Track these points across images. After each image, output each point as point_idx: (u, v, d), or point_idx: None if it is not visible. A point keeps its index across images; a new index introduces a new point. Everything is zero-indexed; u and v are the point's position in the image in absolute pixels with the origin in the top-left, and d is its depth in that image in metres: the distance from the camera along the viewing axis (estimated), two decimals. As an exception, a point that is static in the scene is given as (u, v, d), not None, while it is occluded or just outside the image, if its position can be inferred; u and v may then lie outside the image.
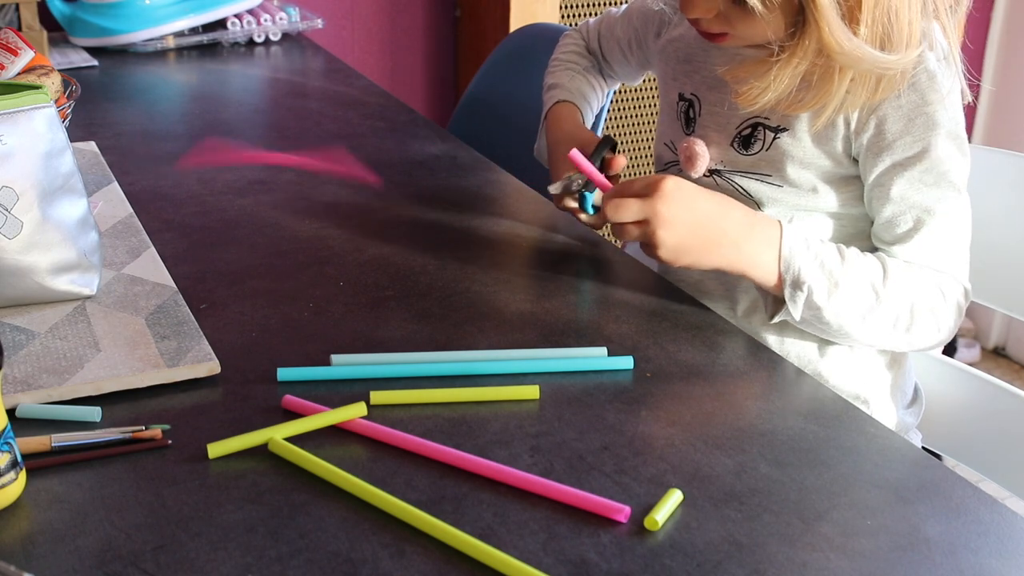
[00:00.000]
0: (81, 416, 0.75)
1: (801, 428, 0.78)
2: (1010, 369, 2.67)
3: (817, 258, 0.91)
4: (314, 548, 0.64)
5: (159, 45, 1.80)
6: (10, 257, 0.85)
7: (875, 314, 0.92)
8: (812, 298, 0.90)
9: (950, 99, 0.92)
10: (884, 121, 0.93)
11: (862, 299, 0.91)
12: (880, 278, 0.92)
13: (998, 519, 0.69)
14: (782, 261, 0.91)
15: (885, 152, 0.93)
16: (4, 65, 1.24)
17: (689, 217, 0.89)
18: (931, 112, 0.91)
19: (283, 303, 0.93)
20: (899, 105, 0.92)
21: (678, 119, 1.07)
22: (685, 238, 0.90)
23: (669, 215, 0.89)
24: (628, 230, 0.91)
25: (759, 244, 0.91)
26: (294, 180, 1.23)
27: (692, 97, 1.05)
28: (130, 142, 1.35)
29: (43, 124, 0.86)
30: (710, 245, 0.91)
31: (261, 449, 0.72)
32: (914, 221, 0.93)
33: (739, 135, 1.00)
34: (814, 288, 0.90)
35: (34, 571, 0.61)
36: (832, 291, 0.90)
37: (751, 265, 0.91)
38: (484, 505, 0.68)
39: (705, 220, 0.90)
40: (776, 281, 0.92)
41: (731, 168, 1.01)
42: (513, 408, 0.79)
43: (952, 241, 0.95)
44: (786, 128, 0.96)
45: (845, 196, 0.98)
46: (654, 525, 0.66)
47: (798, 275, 0.90)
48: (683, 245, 0.90)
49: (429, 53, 2.27)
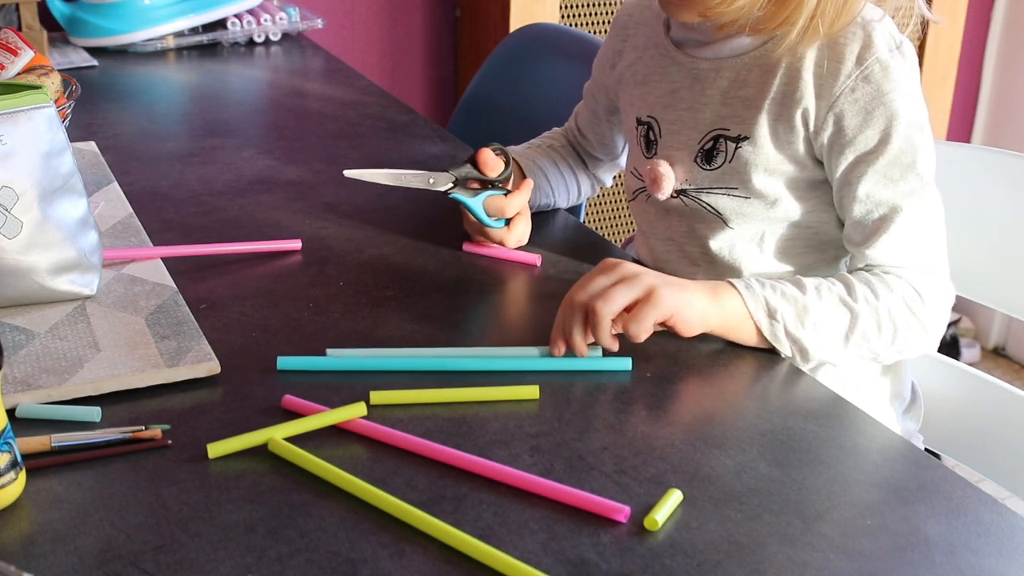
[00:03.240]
0: (81, 416, 0.75)
1: (801, 428, 0.78)
2: (1010, 369, 2.67)
3: (775, 289, 0.88)
4: (314, 548, 0.64)
5: (159, 45, 1.80)
6: (10, 257, 0.85)
7: (855, 330, 0.89)
8: (788, 328, 0.87)
9: (907, 88, 0.91)
10: (842, 116, 0.92)
11: (836, 318, 0.88)
12: (846, 292, 0.89)
13: (998, 519, 0.69)
14: (745, 300, 0.87)
15: (847, 148, 0.92)
16: (4, 65, 1.24)
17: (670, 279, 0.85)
18: (888, 102, 0.90)
19: (283, 303, 0.93)
20: (855, 99, 0.91)
21: (638, 143, 1.05)
22: (663, 277, 0.84)
23: (635, 266, 0.84)
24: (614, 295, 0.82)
25: (718, 290, 0.87)
26: (294, 180, 1.23)
27: (650, 119, 1.03)
28: (130, 142, 1.35)
29: (43, 124, 0.86)
30: (683, 285, 0.85)
31: (261, 449, 0.72)
32: (882, 218, 0.92)
33: (701, 150, 0.98)
34: (786, 317, 0.87)
35: (34, 571, 0.61)
36: (803, 316, 0.87)
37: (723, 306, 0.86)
38: (484, 505, 0.68)
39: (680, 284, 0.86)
40: (751, 324, 0.87)
41: (696, 186, 0.99)
42: (513, 408, 0.79)
43: (924, 235, 0.93)
44: (747, 136, 0.95)
45: (812, 203, 0.97)
46: (654, 525, 0.66)
47: (766, 302, 0.87)
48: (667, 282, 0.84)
49: (429, 53, 2.27)
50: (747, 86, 0.96)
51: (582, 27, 2.16)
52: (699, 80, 0.99)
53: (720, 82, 0.97)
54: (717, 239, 1.00)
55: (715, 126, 0.98)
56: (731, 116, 0.97)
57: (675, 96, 1.01)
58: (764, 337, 0.87)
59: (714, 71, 0.98)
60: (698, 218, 1.00)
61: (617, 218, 2.39)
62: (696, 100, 0.99)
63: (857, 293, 0.89)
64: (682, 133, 1.00)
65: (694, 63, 1.00)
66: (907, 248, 0.93)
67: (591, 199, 2.32)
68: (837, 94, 0.91)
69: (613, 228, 2.38)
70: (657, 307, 0.82)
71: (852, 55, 0.91)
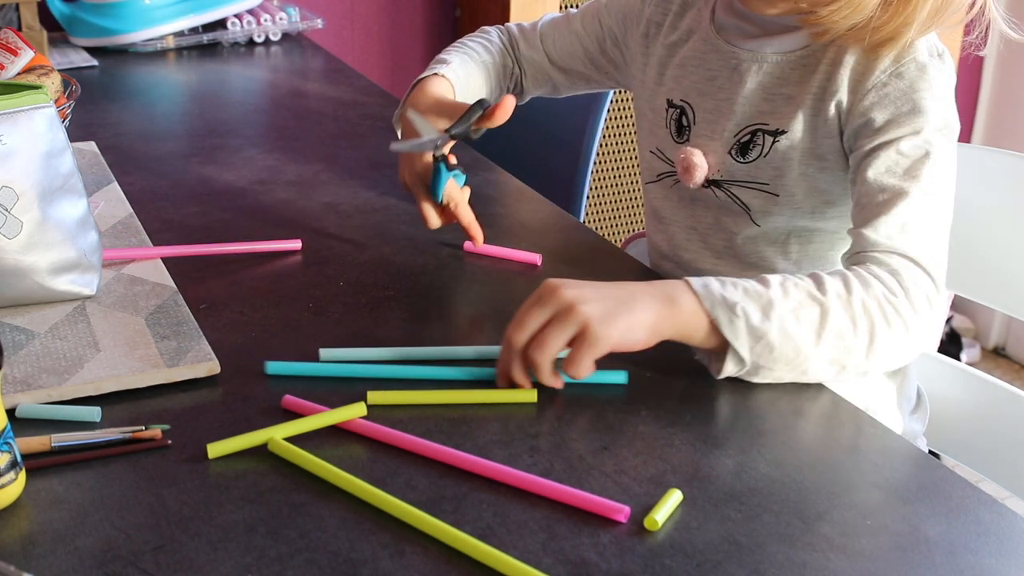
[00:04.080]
0: (81, 416, 0.75)
1: (801, 428, 0.78)
2: (1010, 369, 2.67)
3: (736, 286, 0.80)
4: (314, 548, 0.64)
5: (159, 45, 1.80)
6: (10, 257, 0.85)
7: (827, 326, 0.80)
8: (752, 322, 0.78)
9: (940, 92, 0.91)
10: (871, 108, 0.92)
11: (805, 313, 0.80)
12: (814, 287, 0.81)
13: (998, 519, 0.69)
14: (701, 298, 0.79)
15: (866, 139, 0.91)
16: (4, 65, 1.24)
17: (592, 290, 0.78)
18: (918, 99, 0.90)
19: (283, 303, 0.93)
20: (886, 92, 0.91)
21: (667, 126, 1.05)
22: (606, 305, 0.77)
23: (575, 294, 0.77)
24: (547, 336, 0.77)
25: (668, 288, 0.80)
26: (294, 180, 1.23)
27: (683, 104, 1.03)
28: (130, 142, 1.35)
29: (43, 124, 0.86)
30: (628, 303, 0.78)
31: (261, 449, 0.72)
32: (885, 201, 0.88)
33: (738, 142, 0.98)
34: (748, 310, 0.78)
35: (34, 571, 0.61)
36: (768, 310, 0.79)
37: (676, 308, 0.79)
38: (484, 505, 0.68)
39: (606, 288, 0.79)
40: (705, 324, 0.79)
41: (728, 178, 0.99)
42: (513, 408, 0.79)
43: (925, 228, 0.88)
44: (784, 130, 0.96)
45: (837, 208, 0.97)
46: (654, 525, 0.66)
47: (724, 298, 0.79)
48: (608, 311, 0.77)
49: (429, 53, 2.27)
50: (789, 84, 0.96)
51: (582, 27, 2.16)
52: (739, 71, 0.99)
53: (761, 76, 0.97)
54: (743, 234, 1.00)
55: (754, 120, 0.97)
56: (770, 112, 0.97)
57: (713, 84, 1.00)
58: (723, 337, 0.79)
59: (756, 64, 0.98)
60: (725, 210, 1.00)
61: (617, 218, 2.39)
62: (735, 91, 0.99)
63: (827, 287, 0.81)
64: (717, 123, 1.00)
65: (736, 53, 0.99)
66: (904, 234, 0.87)
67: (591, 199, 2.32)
68: (869, 87, 0.92)
69: (613, 228, 2.38)
70: (593, 347, 0.76)
71: (891, 54, 0.92)
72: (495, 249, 1.04)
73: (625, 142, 2.35)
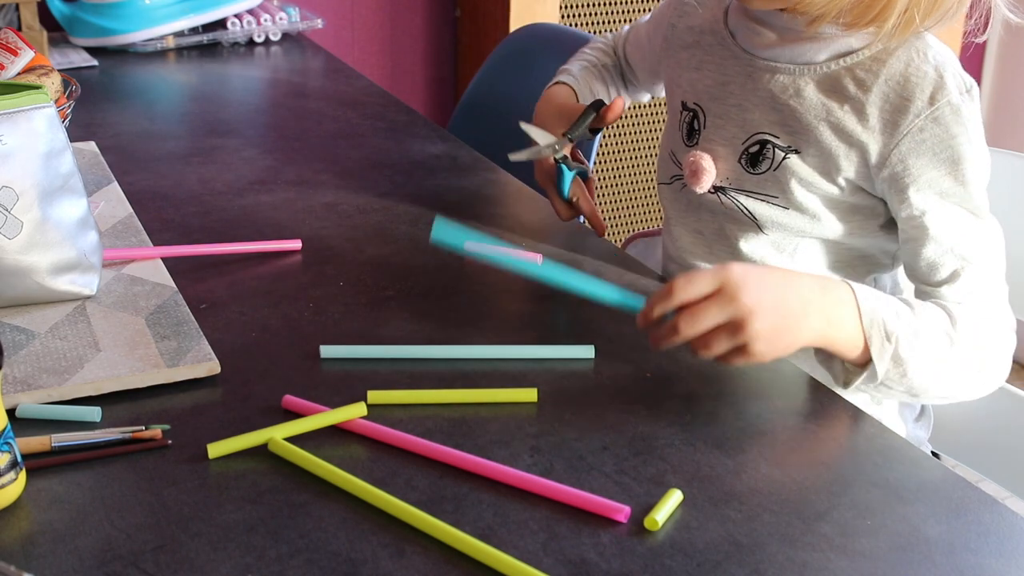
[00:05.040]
0: (81, 416, 0.75)
1: (801, 428, 0.78)
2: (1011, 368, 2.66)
3: (891, 307, 0.84)
4: (314, 548, 0.64)
5: (159, 45, 1.80)
6: (10, 257, 0.85)
7: (951, 361, 0.85)
8: (898, 351, 0.82)
9: (974, 132, 0.90)
10: (908, 155, 0.90)
11: (938, 345, 0.85)
12: (949, 323, 0.86)
13: (998, 519, 0.69)
14: (864, 317, 0.82)
15: (911, 187, 0.90)
16: (4, 65, 1.24)
17: (771, 297, 0.79)
18: (956, 145, 0.89)
19: (283, 303, 0.93)
20: (923, 139, 0.89)
21: (679, 129, 1.04)
22: (776, 321, 0.79)
23: (754, 302, 0.77)
24: (713, 340, 0.78)
25: (837, 305, 0.82)
26: (294, 180, 1.23)
27: (696, 107, 1.02)
28: (130, 142, 1.35)
29: (43, 124, 0.86)
30: (798, 320, 0.81)
31: (261, 449, 0.72)
32: (958, 262, 0.90)
33: (746, 151, 0.97)
34: (900, 338, 0.82)
35: (34, 571, 0.61)
36: (914, 340, 0.83)
37: (838, 328, 0.82)
38: (484, 505, 0.68)
39: (785, 294, 0.80)
40: (858, 340, 0.82)
41: (736, 187, 0.98)
42: (513, 408, 0.79)
43: (994, 273, 0.92)
44: (797, 149, 0.94)
45: (851, 226, 0.96)
46: (654, 525, 0.66)
47: (884, 325, 0.82)
48: (776, 329, 0.79)
49: (429, 53, 2.27)
50: (799, 97, 0.94)
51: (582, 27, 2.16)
52: (752, 78, 0.97)
53: (773, 85, 0.96)
54: (748, 243, 0.99)
55: (762, 129, 0.96)
56: (780, 124, 0.95)
57: (725, 89, 0.99)
58: (867, 355, 0.83)
59: (769, 72, 0.96)
60: (731, 218, 0.99)
61: (617, 218, 2.39)
62: (746, 98, 0.98)
63: (959, 328, 0.86)
64: (727, 128, 0.99)
65: (751, 60, 0.98)
66: (981, 289, 0.91)
67: (591, 199, 2.32)
68: (904, 132, 0.90)
69: (613, 228, 2.38)
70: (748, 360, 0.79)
71: (924, 95, 0.89)
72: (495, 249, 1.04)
73: (625, 142, 2.35)
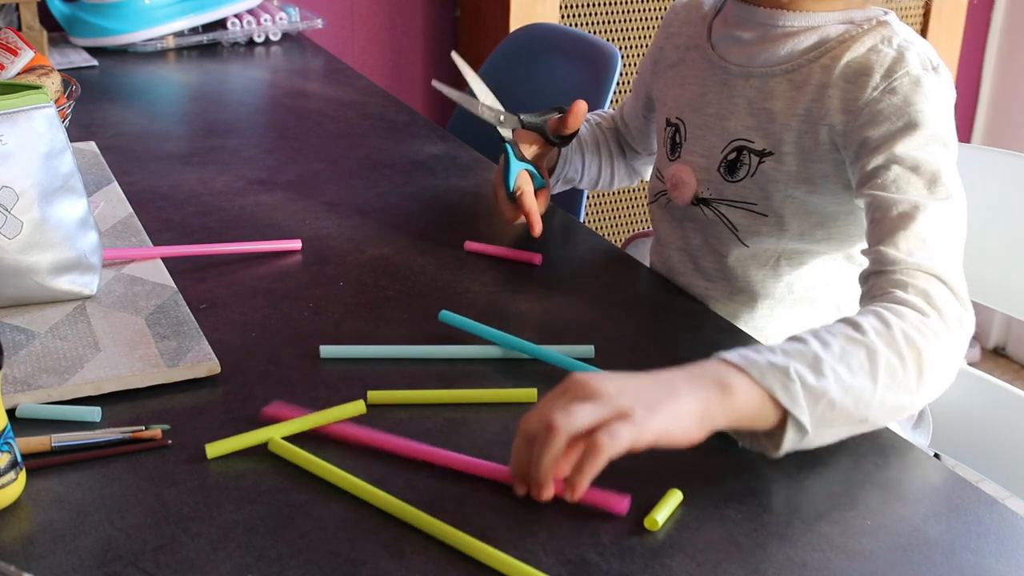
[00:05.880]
0: (81, 416, 0.75)
1: (801, 428, 0.78)
2: (1010, 369, 2.67)
3: (775, 350, 0.73)
4: (314, 548, 0.64)
5: (159, 45, 1.80)
6: (10, 257, 0.85)
7: (879, 366, 0.73)
8: (808, 383, 0.70)
9: (937, 105, 0.88)
10: (866, 127, 0.89)
11: (854, 358, 0.73)
12: (851, 330, 0.75)
13: (998, 519, 0.69)
14: (749, 371, 0.70)
15: (871, 155, 0.88)
16: (4, 65, 1.24)
17: (625, 380, 0.69)
18: (914, 112, 0.87)
19: (283, 303, 0.93)
20: (880, 109, 0.89)
21: (664, 145, 1.05)
22: (642, 392, 0.68)
23: (605, 384, 0.67)
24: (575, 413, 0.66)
25: (716, 376, 0.70)
26: (294, 180, 1.23)
27: (678, 121, 1.03)
28: (130, 142, 1.35)
29: (43, 124, 0.86)
30: (669, 394, 0.68)
31: (261, 449, 0.72)
32: (901, 216, 0.84)
33: (725, 159, 0.98)
34: (800, 372, 0.71)
35: (34, 571, 0.61)
36: (818, 365, 0.71)
37: (727, 394, 0.69)
38: (484, 505, 0.68)
39: (641, 377, 0.70)
40: (760, 396, 0.70)
41: (717, 196, 0.99)
42: (513, 408, 0.78)
43: (945, 241, 0.84)
44: (771, 152, 0.95)
45: (829, 230, 0.96)
46: (654, 525, 0.66)
47: (772, 365, 0.70)
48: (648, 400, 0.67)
49: (429, 53, 2.27)
50: (773, 98, 0.95)
51: (582, 27, 2.16)
52: (728, 86, 0.98)
53: (748, 91, 0.97)
54: (732, 255, 0.99)
55: (738, 135, 0.97)
56: (756, 128, 0.96)
57: (704, 100, 1.00)
58: (780, 408, 0.70)
59: (743, 78, 0.97)
60: (714, 231, 1.00)
61: (617, 218, 2.39)
62: (723, 107, 0.98)
63: (864, 327, 0.75)
64: (706, 139, 0.99)
65: (726, 68, 0.99)
66: (926, 248, 0.83)
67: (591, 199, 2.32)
68: (863, 105, 0.89)
69: (613, 228, 2.38)
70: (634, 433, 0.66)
71: (881, 69, 0.89)
72: (495, 249, 1.04)
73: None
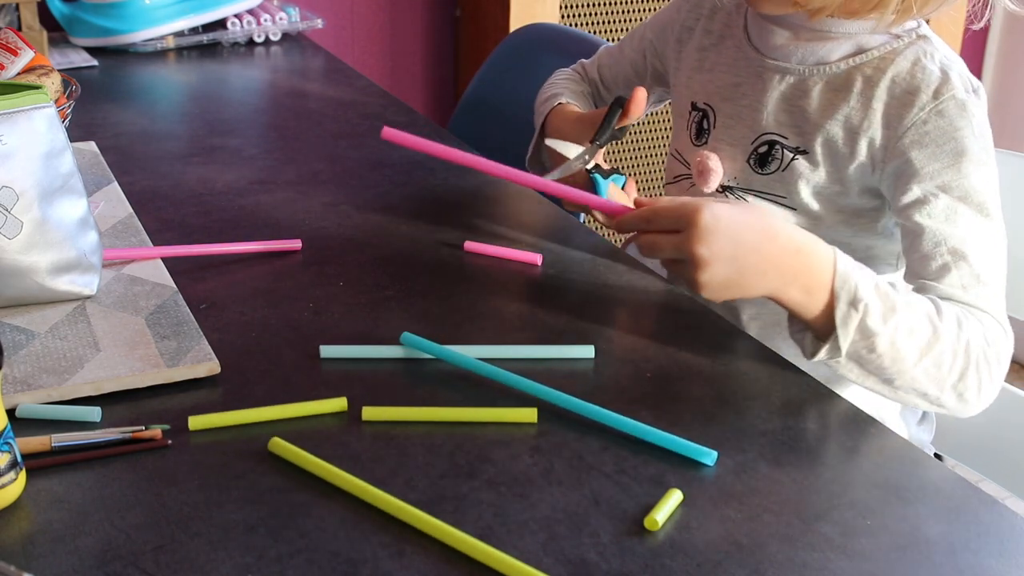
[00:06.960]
0: (81, 416, 0.75)
1: (801, 428, 0.78)
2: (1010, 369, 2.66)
3: (872, 279, 0.81)
4: (314, 548, 0.64)
5: (159, 45, 1.80)
6: (10, 257, 0.85)
7: (932, 352, 0.81)
8: (867, 321, 0.79)
9: (980, 129, 0.90)
10: (911, 148, 0.90)
11: (920, 330, 0.81)
12: (935, 312, 0.82)
13: (998, 519, 0.69)
14: (837, 278, 0.79)
15: (913, 180, 0.90)
16: (4, 65, 1.24)
17: (729, 253, 0.79)
18: (960, 138, 0.89)
19: (283, 303, 0.93)
20: (926, 131, 0.90)
21: (687, 129, 1.05)
22: (728, 275, 0.80)
23: (708, 255, 0.79)
24: (666, 262, 0.86)
25: (807, 267, 0.80)
26: (294, 180, 1.23)
27: (706, 107, 1.03)
28: (130, 142, 1.35)
29: (43, 124, 0.86)
30: (755, 277, 0.80)
31: (261, 449, 0.72)
32: (952, 253, 0.88)
33: (755, 151, 0.98)
34: (871, 308, 0.79)
35: (34, 571, 0.61)
36: (888, 315, 0.79)
37: (801, 289, 0.80)
38: (484, 505, 0.68)
39: (747, 252, 0.80)
40: (823, 305, 0.80)
41: (743, 186, 0.99)
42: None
43: (990, 276, 0.89)
44: (805, 151, 0.95)
45: (855, 228, 0.96)
46: (654, 525, 0.66)
47: (855, 292, 0.79)
48: (726, 282, 0.80)
49: (429, 53, 2.27)
50: (808, 97, 0.95)
51: (582, 27, 2.16)
52: (762, 79, 0.99)
53: (783, 87, 0.97)
54: None
55: (770, 130, 0.97)
56: (789, 125, 0.96)
57: (737, 90, 1.00)
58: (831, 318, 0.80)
59: (779, 74, 0.97)
60: None
61: (617, 218, 2.38)
62: (757, 99, 0.99)
63: (945, 314, 0.83)
64: (736, 128, 1.00)
65: (762, 61, 0.99)
66: (980, 286, 0.88)
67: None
68: (908, 125, 0.90)
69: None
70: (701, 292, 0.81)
71: (929, 90, 0.90)
72: (495, 249, 1.04)
73: (625, 142, 2.35)
